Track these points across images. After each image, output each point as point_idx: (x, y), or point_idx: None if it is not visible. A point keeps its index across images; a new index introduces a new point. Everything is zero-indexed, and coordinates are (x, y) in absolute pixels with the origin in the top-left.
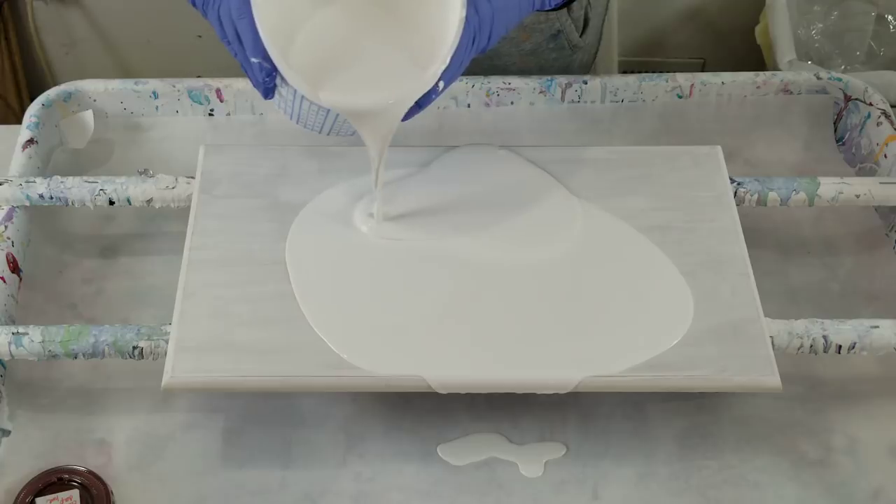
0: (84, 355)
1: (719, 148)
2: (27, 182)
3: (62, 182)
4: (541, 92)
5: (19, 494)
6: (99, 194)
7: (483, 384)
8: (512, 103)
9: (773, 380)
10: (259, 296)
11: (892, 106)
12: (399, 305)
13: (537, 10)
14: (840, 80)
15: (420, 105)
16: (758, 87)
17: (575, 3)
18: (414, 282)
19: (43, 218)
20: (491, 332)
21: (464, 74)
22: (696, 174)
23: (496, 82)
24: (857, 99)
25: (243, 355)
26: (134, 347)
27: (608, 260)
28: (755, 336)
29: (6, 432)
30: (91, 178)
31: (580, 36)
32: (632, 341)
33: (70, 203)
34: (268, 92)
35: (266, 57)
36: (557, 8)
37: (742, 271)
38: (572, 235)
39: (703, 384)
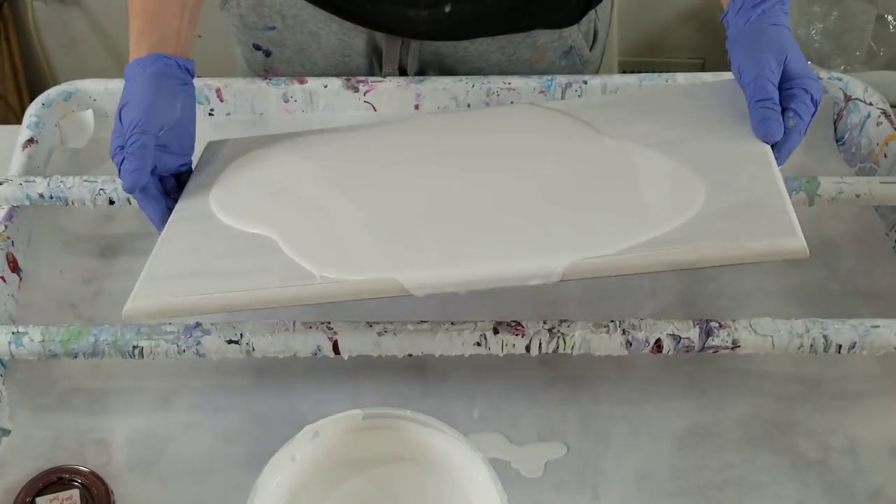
0: (84, 355)
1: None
2: (27, 182)
3: (62, 182)
4: (541, 92)
5: (19, 494)
6: (99, 194)
7: (459, 281)
8: (512, 103)
9: (794, 241)
10: (238, 235)
11: (892, 106)
12: (368, 211)
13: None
14: (840, 79)
15: None
16: None
17: (584, 18)
18: (382, 184)
19: (43, 218)
20: (469, 227)
21: (464, 75)
22: (714, 100)
23: (496, 82)
24: (857, 99)
25: (210, 280)
26: (134, 347)
27: (604, 161)
28: (775, 207)
29: (6, 432)
30: (91, 178)
31: (590, 50)
32: (629, 224)
33: (70, 203)
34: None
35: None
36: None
37: (763, 161)
38: (568, 144)
39: (713, 255)
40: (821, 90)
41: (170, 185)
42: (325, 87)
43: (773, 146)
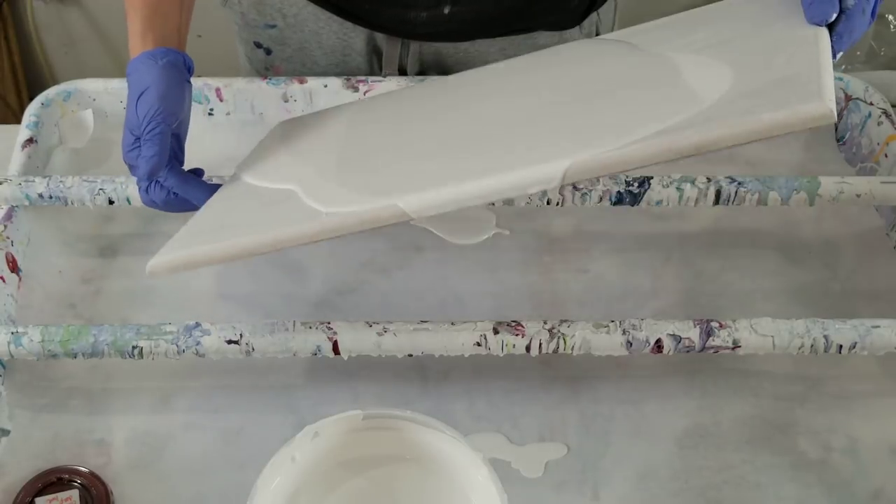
0: (84, 355)
1: None
2: (27, 181)
3: (62, 181)
4: None
5: (19, 494)
6: (98, 194)
7: (457, 199)
8: None
9: (818, 105)
10: (264, 192)
11: (892, 105)
12: (377, 145)
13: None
14: (840, 79)
15: None
16: None
17: (585, 21)
18: (398, 118)
19: (43, 218)
20: (471, 145)
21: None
22: (778, 10)
23: None
24: (857, 98)
25: (230, 231)
26: (133, 347)
27: (630, 66)
28: (807, 77)
29: (6, 432)
30: (90, 178)
31: None
32: (637, 117)
33: (70, 203)
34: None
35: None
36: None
37: (810, 42)
38: (598, 60)
39: (725, 133)
40: None
41: None
42: (325, 86)
43: (830, 30)
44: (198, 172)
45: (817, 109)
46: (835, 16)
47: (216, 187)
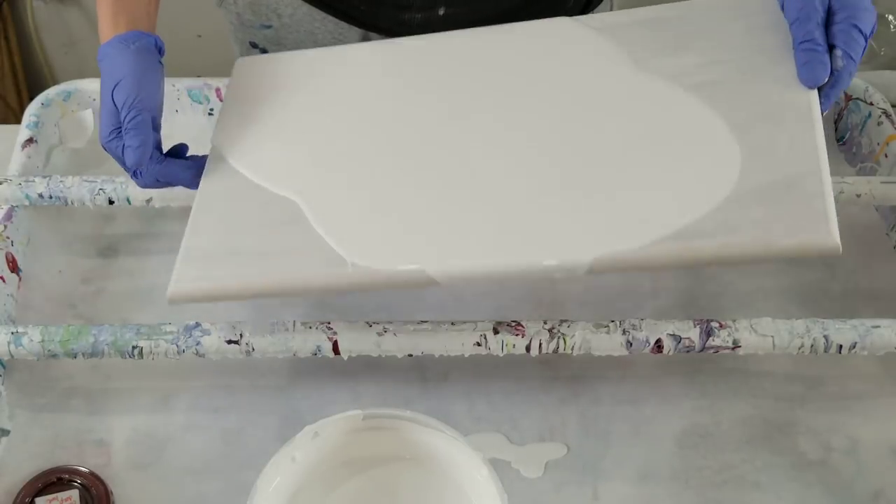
0: (84, 355)
1: None
2: (26, 181)
3: (62, 181)
4: None
5: (19, 494)
6: (98, 194)
7: (486, 273)
8: None
9: (826, 239)
10: (267, 200)
11: (892, 105)
12: (398, 193)
13: None
14: None
15: None
16: None
17: None
18: (403, 143)
19: (42, 217)
20: (493, 209)
21: None
22: (761, 21)
23: None
24: (857, 98)
25: (247, 260)
26: (133, 347)
27: (636, 117)
28: (812, 191)
29: (6, 432)
30: (90, 178)
31: None
32: (658, 207)
33: (70, 202)
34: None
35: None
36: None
37: (805, 117)
38: (602, 91)
39: (741, 254)
40: (873, 19)
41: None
42: None
43: (819, 87)
44: (182, 150)
45: (827, 245)
46: (826, 80)
47: (200, 163)
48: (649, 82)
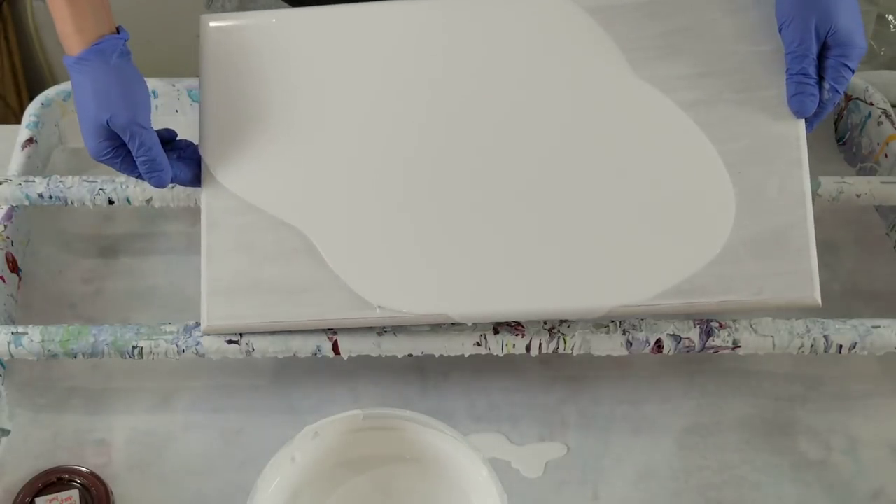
0: (83, 355)
1: None
2: (26, 181)
3: (62, 181)
4: None
5: (19, 494)
6: (98, 194)
7: (505, 315)
8: None
9: (811, 298)
10: (278, 228)
11: (892, 105)
12: (401, 226)
13: None
14: None
15: None
16: None
17: None
18: (431, 209)
19: (43, 218)
20: (514, 254)
21: None
22: (754, 17)
23: None
24: (857, 98)
25: (271, 297)
26: (133, 347)
27: (639, 149)
28: (798, 246)
29: (6, 432)
30: (90, 178)
31: None
32: (664, 260)
33: (69, 202)
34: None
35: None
36: None
37: (794, 157)
38: (600, 109)
39: (737, 308)
40: (863, 54)
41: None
42: None
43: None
44: (171, 136)
45: (810, 302)
46: (814, 111)
47: (195, 161)
48: (648, 98)
